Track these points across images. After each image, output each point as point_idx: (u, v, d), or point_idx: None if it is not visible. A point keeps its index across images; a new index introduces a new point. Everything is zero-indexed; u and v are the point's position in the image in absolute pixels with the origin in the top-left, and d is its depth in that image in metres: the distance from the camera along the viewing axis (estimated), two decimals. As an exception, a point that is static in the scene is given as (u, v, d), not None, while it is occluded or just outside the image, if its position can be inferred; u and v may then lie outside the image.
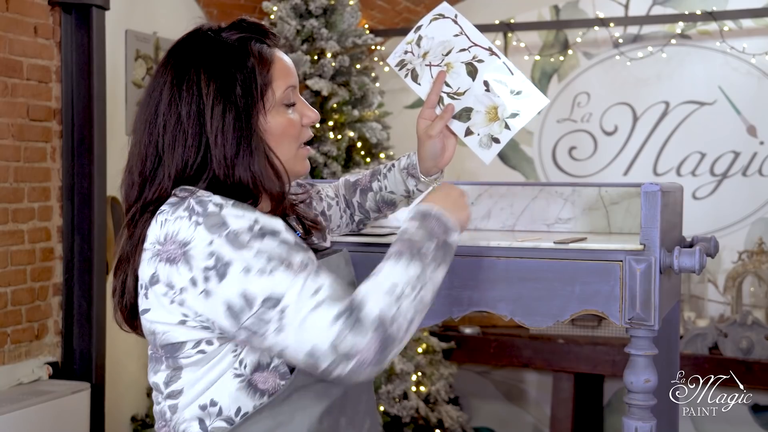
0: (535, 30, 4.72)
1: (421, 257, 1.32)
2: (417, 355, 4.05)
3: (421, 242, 1.34)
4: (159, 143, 1.36)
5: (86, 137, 3.45)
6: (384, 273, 1.30)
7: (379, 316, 1.24)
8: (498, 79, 1.63)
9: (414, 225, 1.37)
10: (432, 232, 1.36)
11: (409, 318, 1.28)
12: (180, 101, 1.35)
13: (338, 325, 1.22)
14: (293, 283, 1.24)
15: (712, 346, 4.03)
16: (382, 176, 1.76)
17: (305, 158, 1.48)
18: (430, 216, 1.38)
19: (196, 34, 1.41)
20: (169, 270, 1.28)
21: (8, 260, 3.28)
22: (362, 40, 3.96)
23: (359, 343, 1.22)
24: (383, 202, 1.77)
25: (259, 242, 1.26)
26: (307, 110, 1.46)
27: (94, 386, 3.43)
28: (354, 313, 1.24)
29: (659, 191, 1.66)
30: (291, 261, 1.26)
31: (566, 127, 4.74)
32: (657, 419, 1.70)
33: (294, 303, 1.24)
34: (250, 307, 1.24)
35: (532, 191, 2.15)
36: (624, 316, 1.66)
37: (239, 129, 1.35)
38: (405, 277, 1.29)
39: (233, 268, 1.25)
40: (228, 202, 1.30)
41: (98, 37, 3.47)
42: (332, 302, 1.24)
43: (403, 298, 1.27)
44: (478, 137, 1.66)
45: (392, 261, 1.31)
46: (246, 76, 1.36)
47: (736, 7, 4.31)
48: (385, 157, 3.99)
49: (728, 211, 4.41)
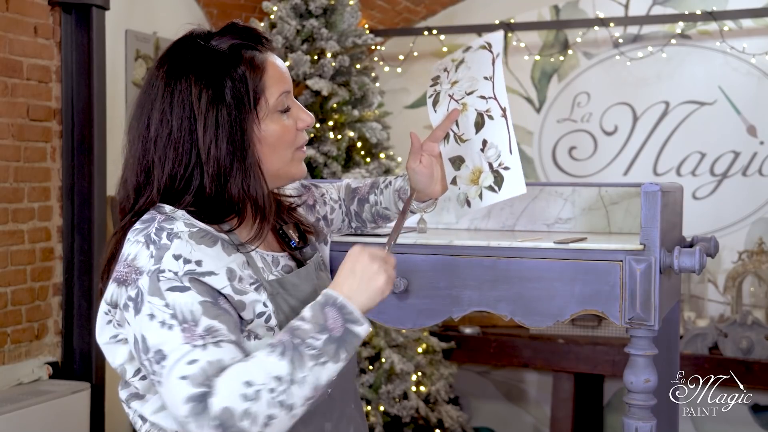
0: (535, 30, 4.72)
1: (300, 354, 1.24)
2: (417, 355, 4.05)
3: (306, 335, 1.25)
4: (151, 155, 1.35)
5: (86, 137, 3.45)
6: (252, 362, 1.24)
7: (225, 410, 1.20)
8: (496, 144, 1.57)
9: (309, 314, 1.28)
10: (326, 324, 1.27)
11: (267, 414, 1.21)
12: (171, 115, 1.34)
13: (187, 408, 1.21)
14: (181, 347, 1.24)
15: (712, 346, 4.02)
16: (379, 191, 1.74)
17: (301, 161, 1.46)
18: (331, 305, 1.29)
19: (186, 41, 1.39)
20: (116, 290, 1.32)
21: (8, 260, 3.28)
22: (362, 40, 3.96)
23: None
24: (378, 216, 1.76)
25: (176, 294, 1.26)
26: (301, 114, 1.44)
27: (94, 386, 3.43)
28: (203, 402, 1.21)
29: (659, 191, 1.66)
30: (195, 324, 1.25)
31: (566, 127, 4.74)
32: (657, 419, 1.70)
33: (169, 367, 1.24)
34: (145, 352, 1.27)
35: (532, 191, 2.15)
36: (624, 316, 1.66)
37: (232, 143, 1.33)
38: (272, 371, 1.22)
39: (144, 309, 1.27)
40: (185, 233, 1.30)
41: (98, 37, 3.47)
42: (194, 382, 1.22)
43: (262, 393, 1.21)
44: (458, 191, 1.63)
45: (267, 351, 1.25)
46: (237, 86, 1.34)
47: (736, 7, 4.31)
48: (385, 157, 3.99)
49: (728, 211, 4.41)
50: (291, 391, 1.22)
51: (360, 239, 1.83)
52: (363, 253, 1.35)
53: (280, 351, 1.24)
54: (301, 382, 1.23)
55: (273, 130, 1.38)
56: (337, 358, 1.26)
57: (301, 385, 1.23)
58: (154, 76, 1.38)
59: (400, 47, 4.82)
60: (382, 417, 3.88)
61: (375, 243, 1.81)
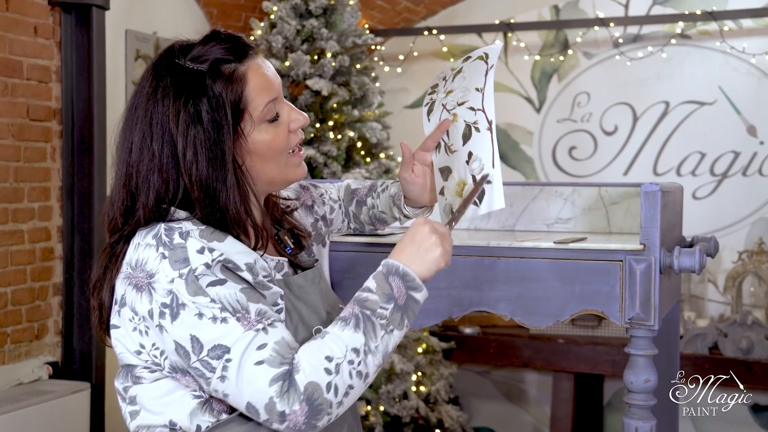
0: (535, 30, 4.72)
1: (373, 324, 1.30)
2: (417, 355, 4.05)
3: (375, 306, 1.31)
4: (136, 178, 1.35)
5: (86, 137, 3.45)
6: (328, 338, 1.29)
7: (311, 384, 1.24)
8: (480, 157, 1.56)
9: (374, 285, 1.33)
10: (391, 293, 1.32)
11: (348, 384, 1.27)
12: (152, 139, 1.33)
13: (273, 389, 1.23)
14: (243, 336, 1.25)
15: (712, 346, 4.02)
16: (376, 194, 1.74)
17: (298, 165, 1.45)
18: (394, 274, 1.34)
19: (165, 59, 1.37)
20: (135, 296, 1.31)
21: (8, 260, 3.28)
22: (362, 40, 3.96)
23: (288, 410, 1.24)
24: (375, 219, 1.76)
25: (217, 288, 1.27)
26: (293, 114, 1.43)
27: (94, 386, 3.43)
28: (288, 379, 1.24)
29: (659, 191, 1.66)
30: (246, 311, 1.27)
31: (566, 127, 4.74)
32: (657, 419, 1.70)
33: (239, 357, 1.25)
34: (199, 351, 1.26)
35: (532, 191, 2.15)
36: (624, 316, 1.66)
37: (213, 165, 1.32)
38: (350, 344, 1.28)
39: (186, 311, 1.26)
40: (196, 230, 1.30)
41: (98, 37, 3.47)
42: (272, 364, 1.24)
43: (343, 366, 1.27)
44: (444, 202, 1.62)
45: (340, 325, 1.30)
46: (216, 107, 1.32)
47: (736, 7, 4.31)
48: (385, 157, 3.99)
49: (728, 211, 4.41)
50: (367, 361, 1.29)
51: (360, 239, 1.83)
52: (425, 225, 1.39)
53: (354, 323, 1.29)
54: (374, 352, 1.29)
55: (262, 140, 1.37)
56: (401, 325, 1.33)
57: (374, 355, 1.29)
58: (136, 98, 1.37)
59: (400, 47, 4.82)
60: (382, 417, 3.88)
61: (378, 242, 1.81)
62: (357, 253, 1.83)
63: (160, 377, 1.34)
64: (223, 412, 1.34)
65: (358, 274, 1.82)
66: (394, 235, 1.87)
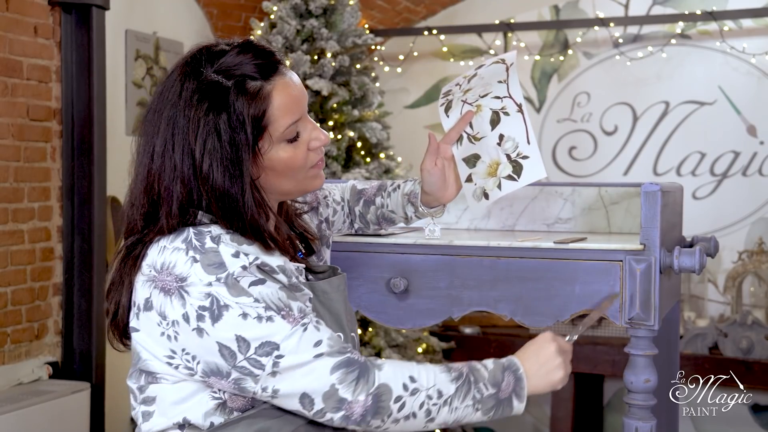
0: (535, 30, 4.72)
1: (469, 389, 1.33)
2: (417, 355, 4.05)
3: (481, 380, 1.35)
4: (157, 189, 1.34)
5: (86, 137, 3.45)
6: (423, 367, 1.32)
7: (384, 386, 1.27)
8: (513, 137, 1.63)
9: (491, 366, 1.38)
10: (500, 384, 1.36)
11: (413, 412, 1.30)
12: (173, 148, 1.32)
13: (336, 376, 1.25)
14: (292, 332, 1.26)
15: (712, 346, 4.02)
16: (386, 194, 1.74)
17: (316, 177, 1.44)
18: (512, 372, 1.38)
19: (193, 64, 1.34)
20: (163, 300, 1.29)
21: (8, 260, 3.28)
22: (362, 40, 3.96)
23: (351, 397, 1.25)
24: (383, 218, 1.76)
25: (259, 288, 1.27)
26: (315, 133, 1.40)
27: (94, 386, 3.43)
28: (358, 367, 1.27)
29: (659, 191, 1.67)
30: (289, 308, 1.28)
31: (566, 127, 4.74)
32: (657, 419, 1.70)
33: (293, 352, 1.25)
34: (246, 350, 1.26)
35: (532, 191, 2.15)
36: (624, 316, 1.66)
37: (231, 179, 1.31)
38: (439, 385, 1.31)
39: (230, 313, 1.25)
40: (226, 235, 1.30)
41: (98, 37, 3.47)
42: (332, 354, 1.27)
43: (420, 394, 1.29)
44: (473, 187, 1.67)
45: (442, 368, 1.34)
46: (234, 123, 1.30)
47: (736, 7, 4.31)
48: (385, 157, 3.99)
49: (728, 211, 4.40)
50: (442, 409, 1.31)
51: (360, 239, 1.83)
52: (552, 344, 1.42)
53: (456, 376, 1.33)
54: (452, 409, 1.32)
55: (279, 158, 1.36)
56: (486, 413, 1.35)
57: (450, 411, 1.32)
58: (159, 101, 1.35)
59: (400, 47, 4.82)
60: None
61: (378, 242, 1.81)
62: (357, 253, 1.83)
63: (183, 379, 1.33)
64: (236, 411, 1.33)
65: (359, 274, 1.82)
66: (394, 234, 1.87)
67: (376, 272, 1.81)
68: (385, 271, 1.70)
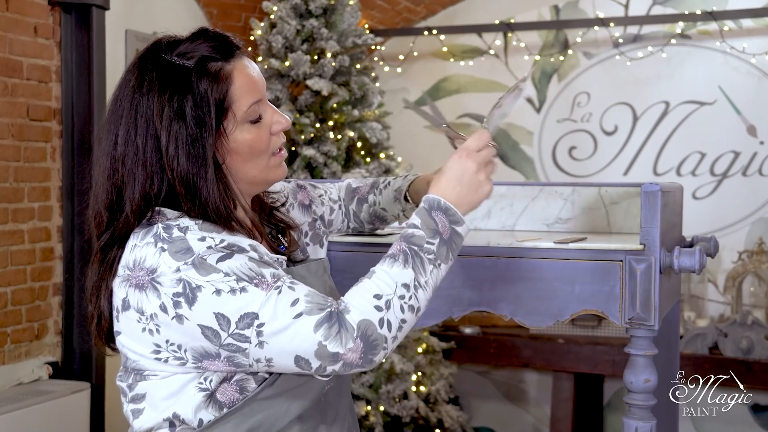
0: (535, 30, 4.72)
1: (421, 259, 1.32)
2: (417, 355, 4.05)
3: (422, 241, 1.33)
4: (120, 175, 1.35)
5: (86, 137, 3.45)
6: (376, 276, 1.31)
7: (363, 322, 1.26)
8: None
9: (418, 221, 1.35)
10: (436, 228, 1.34)
11: (401, 318, 1.29)
12: (136, 133, 1.33)
13: (319, 333, 1.24)
14: (267, 298, 1.25)
15: (712, 346, 4.02)
16: (378, 191, 1.74)
17: (279, 166, 1.45)
18: (436, 209, 1.36)
19: (152, 54, 1.37)
20: (139, 296, 1.29)
21: (8, 260, 3.28)
22: (362, 40, 3.96)
23: (342, 349, 1.24)
24: (375, 217, 1.76)
25: (227, 262, 1.27)
26: (276, 117, 1.43)
27: (94, 386, 3.43)
28: (336, 319, 1.25)
29: (659, 191, 1.66)
30: (262, 276, 1.27)
31: (566, 127, 4.74)
32: (657, 419, 1.70)
33: (271, 317, 1.25)
34: (227, 326, 1.25)
35: (532, 191, 2.15)
36: (624, 316, 1.66)
37: (194, 160, 1.32)
38: (399, 280, 1.30)
39: (203, 293, 1.25)
40: (195, 225, 1.30)
41: (98, 37, 3.47)
42: (311, 312, 1.25)
43: (393, 301, 1.28)
44: None
45: (388, 263, 1.32)
46: (200, 104, 1.32)
47: (736, 7, 4.31)
48: (385, 157, 3.99)
49: (728, 211, 4.40)
50: (418, 295, 1.31)
51: (360, 239, 1.83)
52: (470, 161, 1.38)
53: (403, 259, 1.31)
54: (424, 287, 1.32)
55: (244, 140, 1.37)
56: (447, 259, 1.35)
57: (425, 289, 1.32)
58: (121, 91, 1.37)
59: (400, 47, 4.82)
60: (382, 417, 3.88)
61: (378, 242, 1.81)
62: (356, 253, 1.83)
63: (173, 374, 1.33)
64: (225, 407, 1.33)
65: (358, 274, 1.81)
66: (393, 235, 1.86)
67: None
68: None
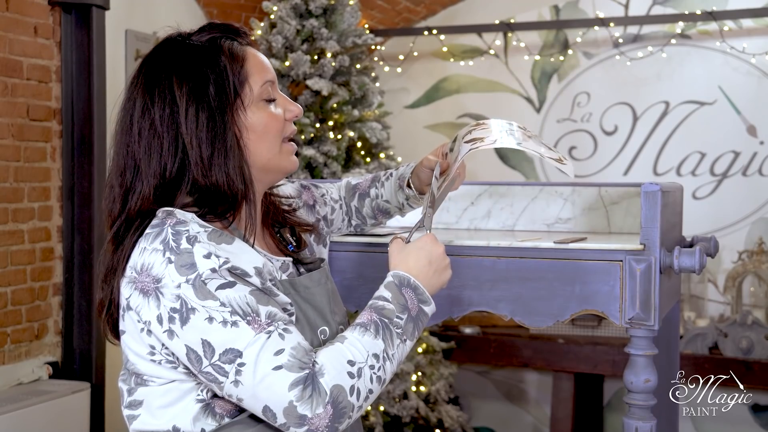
0: (535, 30, 4.72)
1: (390, 332, 1.33)
2: (417, 355, 4.05)
3: (392, 314, 1.34)
4: (135, 152, 1.35)
5: (86, 137, 3.45)
6: (348, 343, 1.30)
7: (336, 388, 1.25)
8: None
9: (388, 295, 1.37)
10: (405, 304, 1.36)
11: (369, 388, 1.29)
12: (153, 107, 1.34)
13: (293, 393, 1.23)
14: (255, 339, 1.24)
15: (712, 346, 4.02)
16: (380, 184, 1.75)
17: (291, 154, 1.46)
18: (406, 286, 1.38)
19: (166, 42, 1.41)
20: (141, 301, 1.29)
21: (8, 260, 3.28)
22: (362, 40, 3.96)
23: (310, 413, 1.23)
24: (378, 210, 1.76)
25: (226, 291, 1.26)
26: (289, 104, 1.45)
27: (94, 386, 3.43)
28: (311, 382, 1.24)
29: (659, 191, 1.66)
30: (257, 314, 1.26)
31: (566, 127, 4.74)
32: (657, 419, 1.70)
33: (253, 361, 1.24)
34: (210, 356, 1.25)
35: (532, 191, 2.15)
36: (624, 316, 1.66)
37: (213, 129, 1.34)
38: (371, 350, 1.30)
39: (197, 316, 1.25)
40: (204, 233, 1.29)
41: (98, 37, 3.47)
42: (292, 369, 1.24)
43: (364, 370, 1.28)
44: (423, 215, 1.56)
45: (359, 331, 1.32)
46: (218, 74, 1.35)
47: (736, 7, 4.31)
48: (385, 157, 3.99)
49: (728, 211, 4.40)
50: (385, 366, 1.32)
51: (360, 239, 1.83)
52: (438, 247, 1.44)
53: (374, 330, 1.32)
54: (391, 359, 1.33)
55: (260, 117, 1.39)
56: (413, 336, 1.37)
57: (391, 362, 1.33)
58: (135, 76, 1.39)
59: (400, 47, 4.82)
60: (382, 417, 3.88)
61: (378, 242, 1.81)
62: (357, 253, 1.83)
63: (170, 382, 1.33)
64: (226, 416, 1.33)
65: (358, 274, 1.82)
66: (392, 235, 1.86)
67: (376, 272, 1.80)
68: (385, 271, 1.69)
